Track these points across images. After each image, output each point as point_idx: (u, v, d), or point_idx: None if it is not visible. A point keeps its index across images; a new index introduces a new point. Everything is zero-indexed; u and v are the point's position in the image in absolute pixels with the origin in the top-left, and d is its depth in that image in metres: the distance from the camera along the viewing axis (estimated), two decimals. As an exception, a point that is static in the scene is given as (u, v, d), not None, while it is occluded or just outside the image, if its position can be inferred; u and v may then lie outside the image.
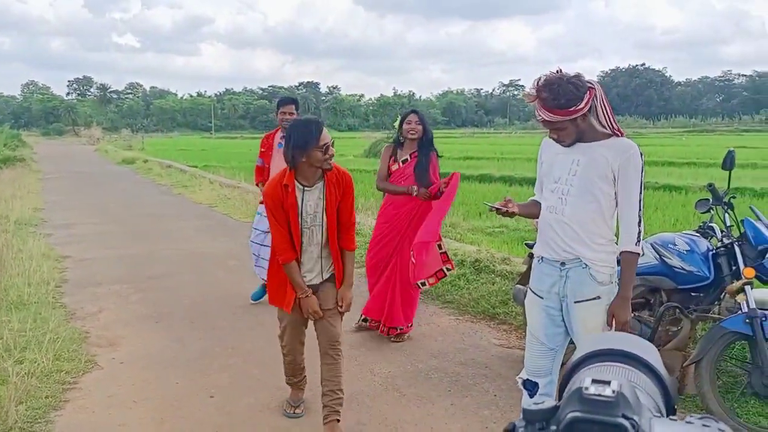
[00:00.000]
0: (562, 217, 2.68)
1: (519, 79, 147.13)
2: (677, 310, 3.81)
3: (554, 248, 2.72)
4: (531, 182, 16.58)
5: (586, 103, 2.55)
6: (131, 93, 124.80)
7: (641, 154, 2.64)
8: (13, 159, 25.61)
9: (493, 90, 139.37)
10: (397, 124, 4.60)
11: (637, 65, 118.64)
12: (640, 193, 2.64)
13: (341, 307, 3.28)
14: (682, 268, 3.77)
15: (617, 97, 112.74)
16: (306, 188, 3.12)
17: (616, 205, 2.67)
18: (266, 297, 3.63)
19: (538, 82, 2.58)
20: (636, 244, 2.65)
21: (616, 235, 2.73)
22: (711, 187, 3.91)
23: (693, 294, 3.90)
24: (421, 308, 5.76)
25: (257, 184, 5.55)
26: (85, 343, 4.84)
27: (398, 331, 4.77)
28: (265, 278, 5.14)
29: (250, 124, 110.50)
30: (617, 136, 2.66)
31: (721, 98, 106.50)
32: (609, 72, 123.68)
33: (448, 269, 4.64)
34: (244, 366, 4.43)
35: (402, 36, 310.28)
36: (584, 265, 2.68)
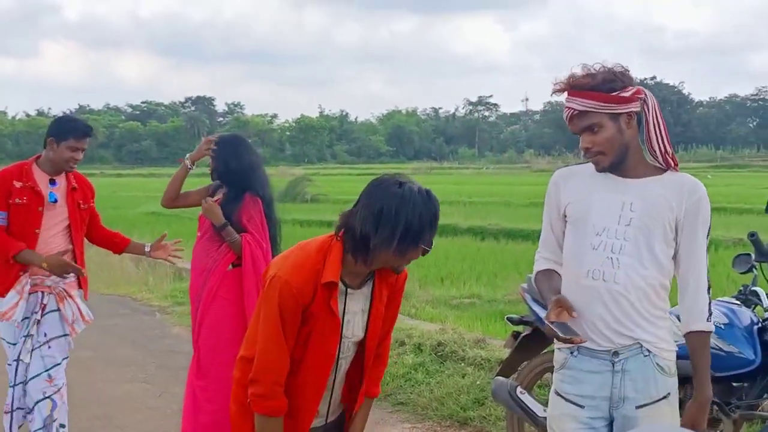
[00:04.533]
0: (615, 286, 2.65)
1: (491, 96, 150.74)
2: (714, 407, 3.87)
3: (602, 331, 2.67)
4: (510, 236, 16.90)
5: (633, 97, 2.62)
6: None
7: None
8: None
9: (457, 110, 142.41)
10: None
11: (645, 79, 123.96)
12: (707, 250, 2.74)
13: None
14: (719, 349, 3.85)
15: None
16: (350, 291, 2.67)
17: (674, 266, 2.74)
18: None
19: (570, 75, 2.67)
20: (708, 320, 2.72)
21: None
22: (753, 238, 4.05)
23: (735, 384, 3.98)
24: (362, 413, 5.68)
25: (15, 257, 4.35)
26: None
27: None
28: None
29: (114, 156, 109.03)
30: (672, 169, 2.73)
31: (755, 123, 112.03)
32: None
33: None
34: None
35: (329, 34, 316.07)
36: (646, 352, 2.67)
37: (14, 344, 4.44)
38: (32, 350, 4.42)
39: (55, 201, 4.48)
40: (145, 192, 35.36)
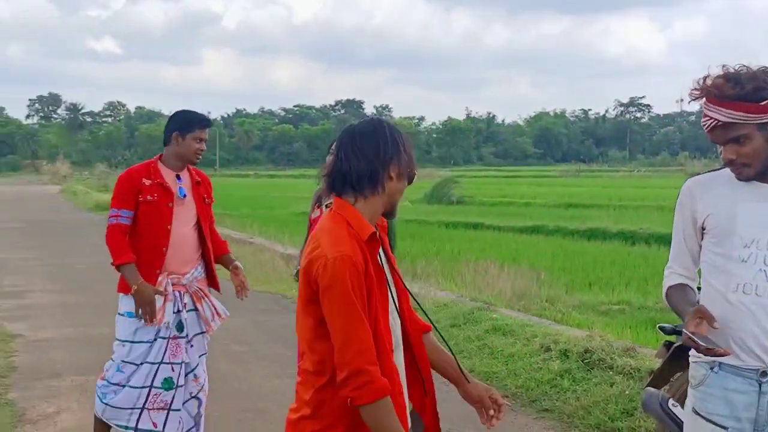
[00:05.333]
0: None
1: (643, 97, 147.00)
2: None
3: (752, 348, 2.52)
4: (662, 241, 16.34)
5: None
6: (111, 115, 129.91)
7: None
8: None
9: (607, 111, 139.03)
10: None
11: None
12: None
13: None
14: None
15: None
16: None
17: None
18: None
19: (706, 77, 2.48)
20: None
21: None
22: None
23: None
24: (507, 419, 5.61)
25: (118, 266, 4.35)
26: (36, 457, 4.88)
27: None
28: None
29: (267, 158, 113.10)
30: None
31: None
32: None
33: None
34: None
35: (476, 37, 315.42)
36: None
37: (148, 342, 4.38)
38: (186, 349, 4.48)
39: (185, 196, 4.47)
40: (296, 192, 36.41)
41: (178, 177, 4.50)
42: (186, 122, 4.50)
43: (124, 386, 4.37)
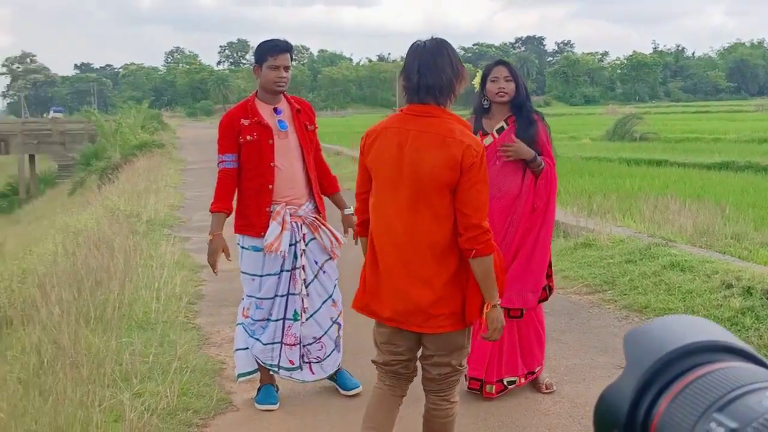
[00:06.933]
0: None
1: None
2: None
3: None
4: None
5: None
6: (295, 59, 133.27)
7: None
8: (150, 144, 28.78)
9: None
10: (477, 82, 4.47)
11: None
12: None
13: None
14: None
15: None
16: None
17: None
18: None
19: None
20: None
21: None
22: None
23: None
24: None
25: (211, 212, 4.64)
26: (219, 377, 5.17)
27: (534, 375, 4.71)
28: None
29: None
30: None
31: None
32: None
33: (548, 289, 4.69)
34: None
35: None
36: None
37: (275, 275, 4.47)
38: (310, 283, 4.55)
39: (286, 128, 4.40)
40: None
41: (276, 110, 4.44)
42: (259, 53, 4.43)
43: (268, 320, 4.53)
